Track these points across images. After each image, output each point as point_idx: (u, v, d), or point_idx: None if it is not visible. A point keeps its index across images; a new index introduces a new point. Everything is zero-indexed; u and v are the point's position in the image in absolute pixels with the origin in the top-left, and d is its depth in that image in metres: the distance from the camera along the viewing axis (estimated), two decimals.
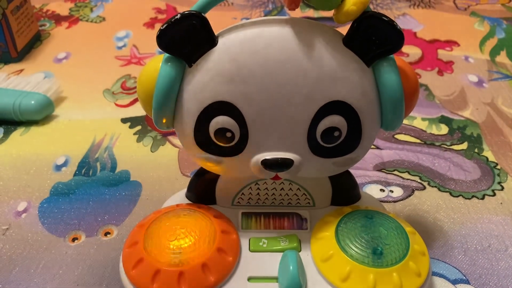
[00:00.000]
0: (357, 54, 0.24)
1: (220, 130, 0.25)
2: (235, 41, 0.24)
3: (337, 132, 0.25)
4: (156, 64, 0.25)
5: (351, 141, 0.26)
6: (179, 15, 0.23)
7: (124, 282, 0.27)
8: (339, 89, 0.24)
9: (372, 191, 0.36)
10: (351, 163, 0.27)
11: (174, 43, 0.24)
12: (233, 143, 0.26)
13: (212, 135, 0.25)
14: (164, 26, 0.23)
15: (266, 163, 0.26)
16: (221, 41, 0.24)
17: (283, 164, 0.26)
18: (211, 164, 0.27)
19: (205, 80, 0.24)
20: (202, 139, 0.26)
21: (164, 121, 0.26)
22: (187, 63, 0.25)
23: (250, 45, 0.24)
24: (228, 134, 0.25)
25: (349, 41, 0.24)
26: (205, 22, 0.24)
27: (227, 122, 0.25)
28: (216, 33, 0.25)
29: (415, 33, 0.57)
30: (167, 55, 0.25)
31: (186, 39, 0.24)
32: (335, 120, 0.25)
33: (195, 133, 0.26)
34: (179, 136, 0.27)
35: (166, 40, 0.24)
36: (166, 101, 0.25)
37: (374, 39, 0.24)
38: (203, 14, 0.24)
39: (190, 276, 0.26)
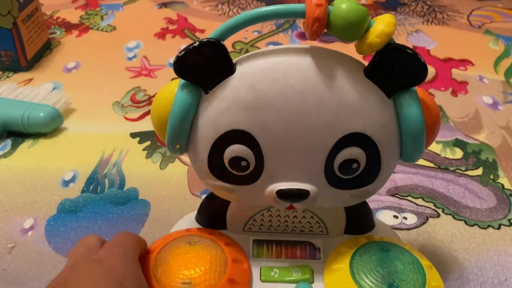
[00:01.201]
0: (378, 86, 0.24)
1: (235, 158, 0.24)
2: (254, 69, 0.23)
3: (356, 164, 0.24)
4: (172, 90, 0.24)
5: (369, 173, 0.25)
6: (197, 43, 0.23)
7: None
8: (359, 121, 0.24)
9: (386, 217, 0.35)
10: (368, 195, 0.27)
11: (192, 70, 0.23)
12: (248, 172, 0.25)
13: (226, 163, 0.25)
14: (182, 53, 0.23)
15: (282, 194, 0.25)
16: (239, 69, 0.24)
17: (299, 195, 0.25)
18: (224, 192, 0.27)
19: (222, 108, 0.24)
20: (216, 167, 0.25)
21: (177, 146, 0.25)
22: (203, 89, 0.24)
23: (270, 74, 0.23)
24: (243, 163, 0.25)
25: (371, 72, 0.23)
26: (224, 50, 0.23)
27: (242, 151, 0.24)
28: (234, 60, 0.24)
29: (428, 51, 0.57)
30: (183, 81, 0.24)
31: (204, 67, 0.23)
32: (354, 152, 0.24)
33: (209, 161, 0.25)
34: (192, 162, 0.26)
35: (183, 67, 0.23)
36: (180, 127, 0.24)
37: (397, 71, 0.23)
38: (221, 41, 0.23)
39: None
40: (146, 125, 0.45)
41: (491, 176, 0.39)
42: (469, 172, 0.40)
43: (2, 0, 0.48)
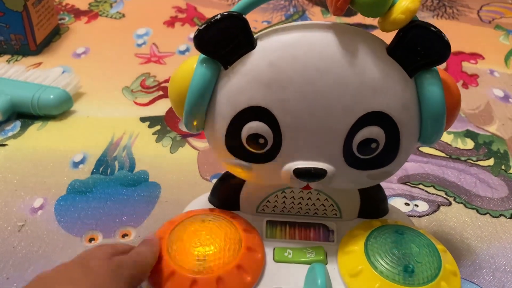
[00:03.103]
0: (400, 64, 0.23)
1: (253, 136, 0.24)
2: (275, 45, 0.23)
3: (375, 143, 0.24)
4: (191, 65, 0.24)
5: (388, 153, 0.25)
6: (219, 16, 0.22)
7: None
8: (380, 100, 0.23)
9: (397, 204, 0.35)
10: (385, 176, 0.26)
11: (212, 45, 0.23)
12: (265, 150, 0.25)
13: (244, 140, 0.25)
14: (202, 26, 0.22)
15: (298, 172, 0.25)
16: (260, 44, 0.23)
17: (316, 174, 0.25)
18: (240, 170, 0.26)
19: (241, 84, 0.24)
20: (234, 144, 0.25)
21: (195, 123, 0.25)
22: (223, 65, 0.24)
23: (291, 50, 0.23)
24: (261, 141, 0.24)
25: (393, 51, 0.23)
26: (246, 24, 0.23)
27: (260, 128, 0.24)
28: (255, 35, 0.24)
29: None
30: (202, 55, 0.24)
31: (225, 41, 0.23)
32: (374, 131, 0.24)
33: (227, 138, 0.25)
34: (209, 139, 0.26)
35: (203, 41, 0.23)
36: (199, 103, 0.24)
37: (419, 49, 0.23)
38: (243, 15, 0.23)
39: (203, 285, 0.25)
40: (156, 110, 0.44)
41: (503, 167, 0.39)
42: (481, 162, 0.39)
43: None
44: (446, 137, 0.42)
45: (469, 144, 0.41)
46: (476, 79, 0.50)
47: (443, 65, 0.52)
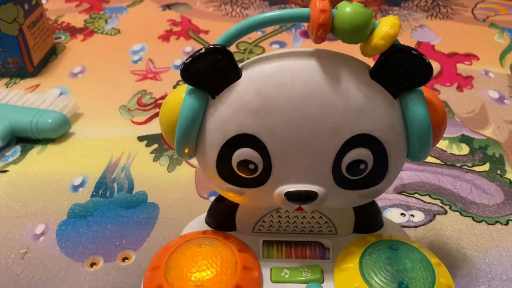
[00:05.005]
0: (384, 86, 0.24)
1: (243, 162, 0.25)
2: (260, 74, 0.24)
3: (363, 164, 0.25)
4: (179, 95, 0.25)
5: (377, 173, 0.25)
6: (203, 50, 0.23)
7: None
8: (366, 122, 0.24)
9: (393, 215, 0.36)
10: (376, 194, 0.27)
11: (199, 76, 0.23)
12: (256, 175, 0.25)
13: (234, 166, 0.25)
14: (188, 60, 0.23)
15: (290, 196, 0.25)
16: (245, 74, 0.24)
17: (307, 197, 0.25)
18: (233, 195, 0.27)
19: (229, 113, 0.24)
20: (225, 170, 0.25)
21: (186, 151, 0.26)
22: (210, 95, 0.24)
23: (275, 78, 0.23)
24: (251, 166, 0.25)
25: (376, 73, 0.24)
26: (230, 56, 0.23)
27: (250, 154, 0.24)
28: (240, 65, 0.24)
29: (433, 46, 0.57)
30: (190, 86, 0.24)
31: (211, 73, 0.23)
32: (361, 153, 0.24)
33: (218, 164, 0.25)
34: (201, 165, 0.27)
35: (190, 73, 0.23)
36: (189, 132, 0.25)
37: (402, 71, 0.23)
38: (227, 47, 0.23)
39: None
40: (153, 128, 0.45)
41: (498, 171, 0.39)
42: (476, 168, 0.40)
43: (7, 8, 0.48)
44: (441, 143, 0.42)
45: (465, 149, 0.42)
46: (471, 81, 0.50)
47: (438, 68, 0.52)
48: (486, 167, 0.40)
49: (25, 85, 0.51)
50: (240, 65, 0.24)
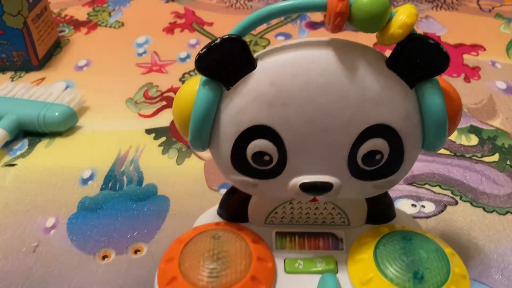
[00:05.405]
0: (400, 76, 0.24)
1: (258, 153, 0.25)
2: (275, 65, 0.23)
3: (379, 155, 0.24)
4: (193, 87, 0.24)
5: (392, 163, 0.25)
6: (218, 40, 0.23)
7: None
8: (382, 112, 0.24)
9: (404, 206, 0.36)
10: (390, 185, 0.27)
11: (213, 67, 0.23)
12: (270, 166, 0.25)
13: (249, 158, 0.25)
14: (203, 51, 0.23)
15: (305, 187, 0.25)
16: (260, 64, 0.24)
17: (322, 188, 0.25)
18: (247, 186, 0.27)
19: (243, 104, 0.24)
20: (239, 162, 0.25)
21: (200, 143, 0.26)
22: (224, 86, 0.24)
23: (291, 69, 0.23)
24: (266, 158, 0.25)
25: (392, 63, 0.23)
26: (245, 46, 0.23)
27: (265, 146, 0.24)
28: (255, 55, 0.24)
29: (439, 37, 0.56)
30: (204, 77, 0.24)
31: (225, 63, 0.23)
32: (377, 144, 0.24)
33: (232, 156, 0.25)
34: (215, 158, 0.26)
35: (205, 64, 0.23)
36: (203, 124, 0.25)
37: (418, 61, 0.23)
38: (242, 37, 0.23)
39: None
40: (161, 121, 0.45)
41: (508, 162, 0.39)
42: (485, 159, 0.40)
43: (12, 1, 0.48)
44: None
45: (474, 140, 0.42)
46: (478, 71, 0.50)
47: None
48: (495, 157, 0.40)
49: (30, 79, 0.51)
50: (255, 55, 0.24)
